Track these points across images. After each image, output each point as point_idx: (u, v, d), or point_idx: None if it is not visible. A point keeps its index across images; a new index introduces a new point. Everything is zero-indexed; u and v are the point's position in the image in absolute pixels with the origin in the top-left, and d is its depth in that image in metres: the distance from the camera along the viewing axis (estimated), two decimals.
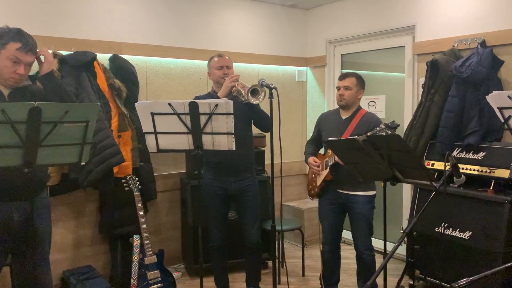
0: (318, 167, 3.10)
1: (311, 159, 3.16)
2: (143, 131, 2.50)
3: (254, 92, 2.76)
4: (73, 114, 1.94)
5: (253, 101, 2.75)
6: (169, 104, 2.38)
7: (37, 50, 2.22)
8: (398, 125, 2.74)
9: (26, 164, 1.92)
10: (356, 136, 2.44)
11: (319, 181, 3.12)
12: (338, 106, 3.18)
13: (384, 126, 2.71)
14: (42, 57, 2.28)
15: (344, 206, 3.08)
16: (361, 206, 2.98)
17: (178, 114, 2.40)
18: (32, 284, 2.27)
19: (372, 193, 3.02)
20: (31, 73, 2.29)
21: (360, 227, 3.01)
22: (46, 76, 2.27)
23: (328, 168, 3.03)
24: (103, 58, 3.61)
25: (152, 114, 2.41)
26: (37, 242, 2.25)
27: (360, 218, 3.00)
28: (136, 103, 2.45)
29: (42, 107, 1.86)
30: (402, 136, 3.62)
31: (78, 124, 1.98)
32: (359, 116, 3.06)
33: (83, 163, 2.09)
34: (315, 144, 3.30)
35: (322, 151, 3.28)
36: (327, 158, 3.07)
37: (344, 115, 3.12)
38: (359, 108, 3.12)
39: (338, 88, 3.11)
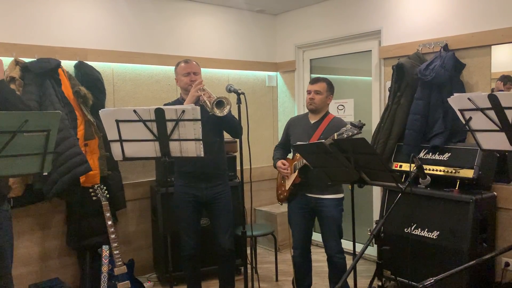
0: (287, 169, 3.10)
1: (280, 162, 3.17)
2: (108, 139, 2.45)
3: (219, 104, 2.73)
4: (33, 123, 1.88)
5: (218, 113, 2.72)
6: (134, 111, 2.34)
7: None
8: (364, 124, 2.78)
9: None
10: (323, 140, 2.46)
11: (288, 184, 3.13)
12: (308, 110, 3.20)
13: (350, 126, 2.75)
14: None
15: (313, 210, 3.09)
16: (330, 209, 3.00)
17: (144, 121, 2.36)
18: None
19: (340, 196, 3.04)
20: None
21: (330, 231, 3.03)
22: None
23: (297, 171, 3.04)
24: (68, 65, 3.53)
25: (117, 121, 2.36)
26: None
27: (329, 221, 3.02)
28: (100, 111, 2.40)
29: None
30: (370, 138, 3.70)
31: (39, 133, 1.92)
32: (327, 121, 3.08)
33: (45, 173, 2.02)
34: (283, 148, 3.31)
35: (290, 155, 3.29)
36: (295, 162, 3.08)
37: (313, 119, 3.14)
38: (328, 113, 3.15)
39: (309, 92, 3.12)
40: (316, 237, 3.25)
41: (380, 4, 3.99)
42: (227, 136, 3.18)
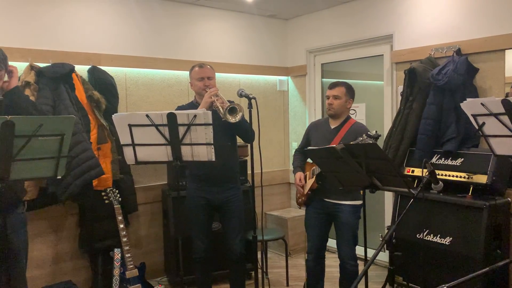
0: (302, 187, 3.11)
1: (297, 176, 3.15)
2: (121, 143, 2.47)
3: (232, 110, 2.75)
4: (48, 127, 1.92)
5: (231, 119, 2.74)
6: (147, 116, 2.36)
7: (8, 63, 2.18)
8: (380, 135, 2.75)
9: None
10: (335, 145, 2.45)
11: (306, 189, 3.12)
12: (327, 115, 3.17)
13: (366, 137, 2.73)
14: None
15: (330, 215, 3.07)
16: (346, 215, 2.97)
17: (156, 126, 2.38)
18: None
19: (357, 202, 2.99)
20: None
21: (345, 237, 3.00)
22: (12, 91, 2.23)
23: (314, 177, 3.03)
24: (82, 69, 3.58)
25: (130, 126, 2.38)
26: (12, 259, 2.20)
27: (345, 227, 2.99)
28: (113, 115, 2.43)
29: (16, 121, 1.83)
30: (382, 143, 3.67)
31: (53, 137, 1.95)
32: (348, 126, 3.04)
33: (59, 177, 2.06)
34: (303, 153, 3.29)
35: (310, 159, 3.28)
36: (314, 167, 3.07)
37: (333, 124, 3.11)
38: (348, 117, 3.11)
39: (328, 97, 3.08)
40: (329, 242, 3.23)
41: (392, 9, 3.98)
42: (239, 140, 3.19)
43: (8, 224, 2.15)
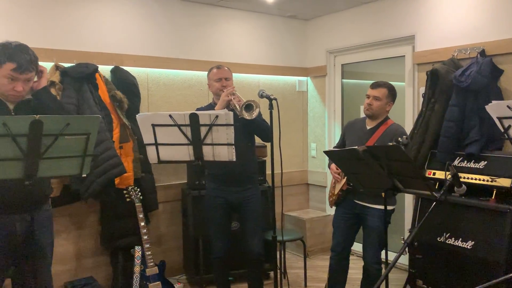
0: (339, 174, 3.06)
1: (333, 165, 3.11)
2: (144, 143, 2.51)
3: (248, 107, 2.76)
4: (74, 126, 1.96)
5: (247, 116, 2.75)
6: (170, 116, 2.39)
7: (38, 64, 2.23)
8: (409, 142, 2.71)
9: (27, 177, 1.92)
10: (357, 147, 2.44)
11: (337, 190, 3.11)
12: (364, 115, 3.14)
13: (395, 142, 2.69)
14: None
15: (359, 217, 3.05)
16: (375, 219, 2.95)
17: (179, 126, 2.41)
18: None
19: (389, 207, 2.90)
20: None
21: (371, 240, 2.98)
22: (41, 91, 2.28)
23: (345, 178, 3.01)
24: (105, 70, 3.64)
25: (153, 125, 2.42)
26: (40, 254, 2.25)
27: (372, 231, 2.97)
28: (137, 115, 2.47)
29: (44, 120, 1.87)
30: None
31: (79, 136, 1.99)
32: (384, 127, 3.00)
33: (84, 175, 2.10)
34: None
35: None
36: None
37: (370, 125, 3.07)
38: (386, 118, 3.06)
39: (368, 96, 3.03)
40: (353, 245, 3.23)
41: (414, 9, 3.93)
42: (257, 140, 3.21)
43: (35, 221, 2.20)
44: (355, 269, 3.53)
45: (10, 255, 2.22)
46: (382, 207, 2.91)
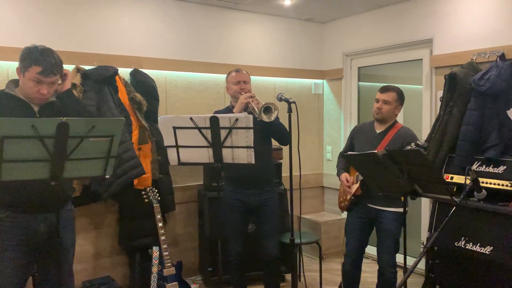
0: (349, 187, 3.08)
1: (344, 176, 3.13)
2: (165, 145, 2.55)
3: (266, 110, 2.78)
4: (99, 129, 2.00)
5: (266, 119, 2.77)
6: (191, 119, 2.43)
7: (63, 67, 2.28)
8: (427, 146, 2.71)
9: (53, 177, 1.97)
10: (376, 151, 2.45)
11: (350, 195, 3.11)
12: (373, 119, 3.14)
13: (414, 145, 2.69)
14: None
15: (372, 221, 3.05)
16: (389, 222, 2.95)
17: (199, 128, 2.45)
18: None
19: (399, 210, 2.92)
20: None
21: (386, 244, 2.97)
22: (64, 93, 2.34)
23: (359, 182, 3.01)
24: (124, 72, 3.69)
25: (174, 128, 2.45)
26: (62, 253, 2.30)
27: (385, 234, 2.97)
28: (159, 118, 2.51)
29: (70, 122, 1.91)
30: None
31: (104, 138, 2.04)
32: (394, 131, 3.01)
33: (107, 176, 2.14)
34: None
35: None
36: (358, 173, 3.05)
37: (379, 129, 3.08)
38: (395, 122, 3.08)
39: (377, 101, 3.05)
40: (367, 249, 3.22)
41: (432, 12, 3.92)
42: (273, 143, 3.22)
43: (59, 220, 2.24)
44: (370, 273, 3.53)
45: (34, 253, 2.28)
46: (395, 209, 2.93)
